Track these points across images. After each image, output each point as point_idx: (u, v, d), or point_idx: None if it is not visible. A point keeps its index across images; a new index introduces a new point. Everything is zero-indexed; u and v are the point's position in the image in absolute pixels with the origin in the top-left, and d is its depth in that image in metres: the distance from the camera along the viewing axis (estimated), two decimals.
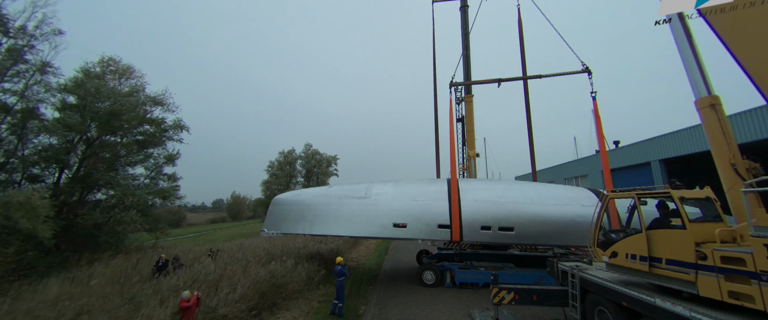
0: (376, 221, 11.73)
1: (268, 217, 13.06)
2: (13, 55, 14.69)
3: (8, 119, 15.18)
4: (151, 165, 20.42)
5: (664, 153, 19.27)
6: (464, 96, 19.19)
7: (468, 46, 19.31)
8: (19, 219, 10.72)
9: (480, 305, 9.75)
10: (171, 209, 48.25)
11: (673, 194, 5.48)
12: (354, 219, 11.88)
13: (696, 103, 5.89)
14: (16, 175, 15.65)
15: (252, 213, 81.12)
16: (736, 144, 5.35)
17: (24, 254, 11.93)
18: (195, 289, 8.01)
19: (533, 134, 17.24)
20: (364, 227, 11.72)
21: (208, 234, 42.52)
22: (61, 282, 9.32)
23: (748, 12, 5.12)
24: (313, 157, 42.57)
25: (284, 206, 12.98)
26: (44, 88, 16.03)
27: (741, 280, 4.40)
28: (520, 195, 12.17)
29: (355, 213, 11.98)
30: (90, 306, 6.96)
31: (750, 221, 4.59)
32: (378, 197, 12.28)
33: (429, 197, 12.29)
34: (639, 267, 5.79)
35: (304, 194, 13.56)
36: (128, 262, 12.37)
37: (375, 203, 12.11)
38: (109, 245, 16.57)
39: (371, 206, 12.04)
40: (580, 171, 28.91)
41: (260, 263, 11.93)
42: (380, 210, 11.86)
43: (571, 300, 7.48)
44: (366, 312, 9.59)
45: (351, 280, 13.32)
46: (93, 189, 17.51)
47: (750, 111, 14.27)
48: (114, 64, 19.41)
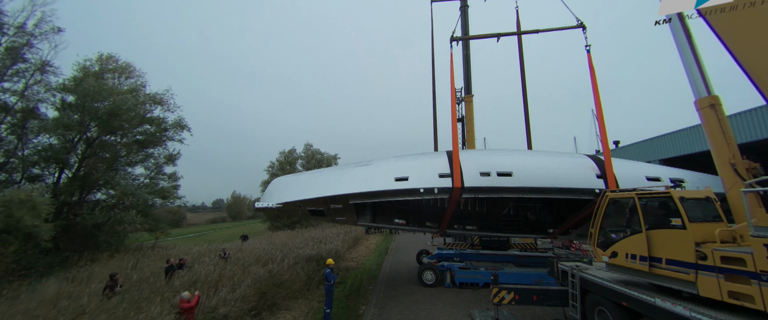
0: (377, 178, 11.51)
1: (265, 194, 12.75)
2: (12, 55, 14.68)
3: (8, 119, 15.18)
4: (151, 165, 20.41)
5: (664, 153, 19.27)
6: (464, 96, 19.16)
7: (468, 46, 19.29)
8: (22, 217, 10.69)
9: (480, 305, 9.75)
10: (171, 209, 48.29)
11: (673, 194, 5.48)
12: (355, 180, 11.68)
13: (696, 103, 5.90)
14: (16, 175, 15.65)
15: (252, 213, 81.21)
16: (736, 144, 5.36)
17: (23, 253, 11.93)
18: (195, 289, 8.02)
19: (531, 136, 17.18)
20: (364, 184, 11.40)
21: (208, 234, 42.56)
22: (60, 282, 9.33)
23: (748, 12, 5.12)
24: (313, 156, 42.56)
25: (282, 182, 13.01)
26: (44, 87, 16.05)
27: (741, 280, 4.40)
28: (518, 153, 12.36)
29: (356, 175, 11.85)
30: (89, 307, 6.95)
31: (750, 221, 4.59)
32: (380, 163, 12.23)
33: (430, 157, 12.42)
34: (639, 267, 5.78)
35: (304, 174, 13.78)
36: (128, 262, 12.38)
37: (377, 166, 12.04)
38: (109, 245, 16.57)
39: (373, 169, 11.94)
40: None
41: (260, 263, 11.94)
42: (382, 170, 11.73)
43: (571, 300, 7.48)
44: (366, 312, 9.59)
45: (351, 280, 13.31)
46: (93, 189, 17.50)
47: (750, 111, 14.25)
48: (113, 62, 19.31)
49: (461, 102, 19.76)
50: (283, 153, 41.94)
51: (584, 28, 13.11)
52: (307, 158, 41.89)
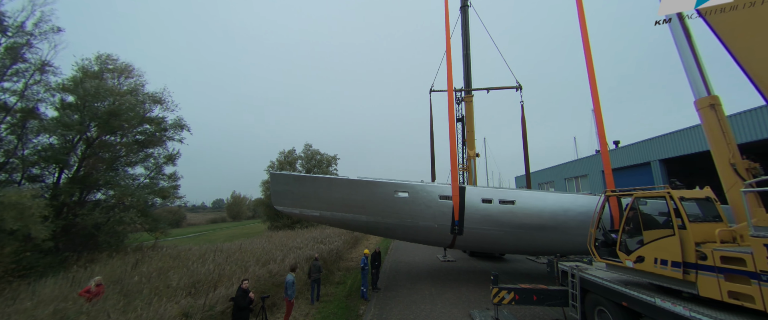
0: (377, 190, 11.86)
1: None
2: (12, 54, 14.66)
3: (8, 119, 15.16)
4: (151, 165, 20.36)
5: (664, 153, 19.28)
6: (464, 96, 19.17)
7: (468, 46, 19.29)
8: (7, 219, 10.55)
9: (480, 305, 9.75)
10: (171, 209, 48.30)
11: (673, 194, 5.48)
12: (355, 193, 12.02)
13: (696, 103, 5.89)
14: (16, 175, 15.63)
15: (252, 213, 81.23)
16: (735, 144, 5.35)
17: (22, 254, 11.92)
18: (196, 289, 8.03)
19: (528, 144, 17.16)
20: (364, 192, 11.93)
21: (208, 234, 42.56)
22: (59, 282, 9.32)
23: (748, 12, 5.11)
24: (313, 157, 42.48)
25: None
26: (44, 87, 16.01)
27: (741, 280, 4.40)
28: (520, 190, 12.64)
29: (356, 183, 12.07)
30: (90, 307, 6.95)
31: (750, 221, 4.59)
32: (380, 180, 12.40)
33: (430, 183, 12.75)
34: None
35: None
36: (127, 263, 12.36)
37: (377, 179, 12.24)
38: (109, 245, 16.54)
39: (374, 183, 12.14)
40: (581, 171, 28.87)
41: (260, 263, 11.94)
42: (382, 184, 11.94)
43: (571, 300, 7.48)
44: (366, 312, 9.59)
45: (351, 280, 13.34)
46: (93, 189, 17.48)
47: (750, 111, 14.28)
48: (112, 62, 19.27)
49: (461, 102, 19.75)
50: (283, 153, 41.88)
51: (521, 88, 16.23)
52: (307, 158, 41.82)
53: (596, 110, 11.45)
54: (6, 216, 10.56)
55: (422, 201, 11.79)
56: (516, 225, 11.41)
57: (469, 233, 11.68)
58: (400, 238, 13.69)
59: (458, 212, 11.45)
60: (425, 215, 11.83)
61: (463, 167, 19.53)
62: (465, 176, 19.38)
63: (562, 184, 31.49)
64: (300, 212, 12.72)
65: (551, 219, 11.27)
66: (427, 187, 11.99)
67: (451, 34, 14.55)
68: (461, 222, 11.56)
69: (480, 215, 11.52)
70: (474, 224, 11.56)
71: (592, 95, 11.32)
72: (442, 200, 11.69)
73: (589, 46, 11.41)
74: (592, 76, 11.38)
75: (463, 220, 11.56)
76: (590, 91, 11.40)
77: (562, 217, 11.23)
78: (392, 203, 11.83)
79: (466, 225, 11.57)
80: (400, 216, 11.94)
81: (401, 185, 11.84)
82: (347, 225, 13.10)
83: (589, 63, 11.41)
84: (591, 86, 11.40)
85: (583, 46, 11.49)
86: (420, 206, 11.79)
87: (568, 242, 11.20)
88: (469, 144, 18.91)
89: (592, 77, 11.39)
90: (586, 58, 11.44)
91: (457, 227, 11.56)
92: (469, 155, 18.99)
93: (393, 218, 12.02)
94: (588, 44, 11.40)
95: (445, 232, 11.84)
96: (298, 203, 12.61)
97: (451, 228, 11.64)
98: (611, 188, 10.25)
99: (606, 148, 11.35)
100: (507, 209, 11.46)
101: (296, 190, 12.65)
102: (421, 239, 13.05)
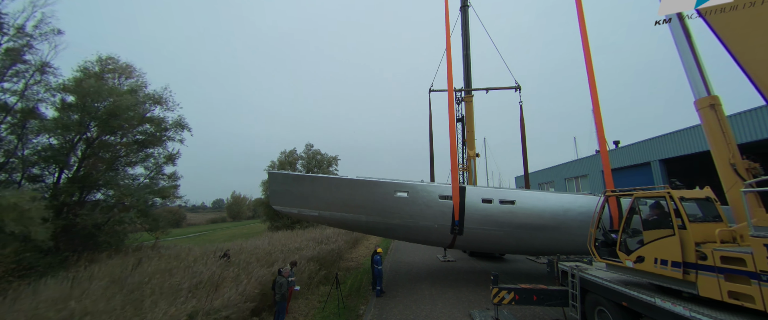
0: (377, 190, 11.82)
1: None
2: (12, 55, 14.67)
3: (8, 119, 15.17)
4: (151, 165, 20.36)
5: (664, 153, 19.28)
6: (464, 96, 19.17)
7: (468, 46, 19.29)
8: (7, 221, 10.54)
9: (480, 305, 9.76)
10: (171, 209, 48.23)
11: (673, 194, 5.48)
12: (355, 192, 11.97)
13: (695, 103, 5.89)
14: (16, 175, 15.64)
15: (252, 213, 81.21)
16: (735, 144, 5.35)
17: (23, 254, 11.92)
18: (195, 289, 8.02)
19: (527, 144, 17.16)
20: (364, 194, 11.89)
21: (208, 234, 42.59)
22: (59, 282, 9.31)
23: (748, 12, 5.12)
24: (314, 157, 42.47)
25: None
26: (44, 87, 16.02)
27: (741, 280, 4.40)
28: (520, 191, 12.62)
29: (356, 183, 12.02)
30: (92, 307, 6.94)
31: (750, 221, 4.60)
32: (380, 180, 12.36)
33: (430, 183, 12.75)
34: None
35: None
36: (127, 264, 12.35)
37: (377, 179, 12.19)
38: (109, 245, 16.55)
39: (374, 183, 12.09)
40: (580, 171, 28.88)
41: (260, 263, 11.93)
42: (382, 184, 11.90)
43: (571, 300, 7.49)
44: (366, 312, 9.59)
45: (351, 280, 13.35)
46: (92, 189, 17.48)
47: (750, 111, 14.28)
48: (113, 62, 19.31)
49: (461, 102, 19.74)
50: (284, 153, 41.87)
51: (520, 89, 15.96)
52: (307, 158, 41.81)
53: (595, 111, 11.46)
54: (6, 218, 10.57)
55: (422, 201, 11.78)
56: (516, 225, 11.40)
57: (469, 234, 11.67)
58: (400, 238, 13.67)
59: (458, 212, 11.44)
60: (425, 215, 11.81)
61: (463, 167, 19.54)
62: (465, 176, 19.39)
63: (562, 184, 31.50)
64: (298, 212, 12.69)
65: (551, 219, 11.27)
66: (427, 187, 11.98)
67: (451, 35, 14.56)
68: (461, 222, 11.55)
69: (480, 215, 11.51)
70: (474, 224, 11.55)
71: (592, 95, 11.34)
72: (442, 200, 11.69)
73: (588, 46, 11.43)
74: (591, 76, 11.40)
75: (463, 220, 11.55)
76: (590, 91, 11.41)
77: (562, 217, 11.23)
78: (392, 203, 11.81)
79: (466, 225, 11.57)
80: (399, 216, 11.91)
81: (401, 185, 11.82)
82: (346, 225, 13.08)
83: (588, 63, 11.43)
84: (591, 86, 11.41)
85: (582, 46, 11.51)
86: (420, 206, 11.78)
87: (568, 242, 11.20)
88: (469, 144, 18.91)
89: (591, 78, 11.40)
90: (586, 58, 11.46)
91: (457, 227, 11.55)
92: (469, 155, 18.99)
93: (393, 218, 11.99)
94: (587, 44, 11.42)
95: (445, 232, 11.83)
96: (297, 203, 12.58)
97: (451, 228, 11.63)
98: (611, 188, 10.26)
99: (605, 148, 11.37)
100: (507, 209, 11.47)
101: (295, 190, 12.61)
102: (421, 239, 13.04)
